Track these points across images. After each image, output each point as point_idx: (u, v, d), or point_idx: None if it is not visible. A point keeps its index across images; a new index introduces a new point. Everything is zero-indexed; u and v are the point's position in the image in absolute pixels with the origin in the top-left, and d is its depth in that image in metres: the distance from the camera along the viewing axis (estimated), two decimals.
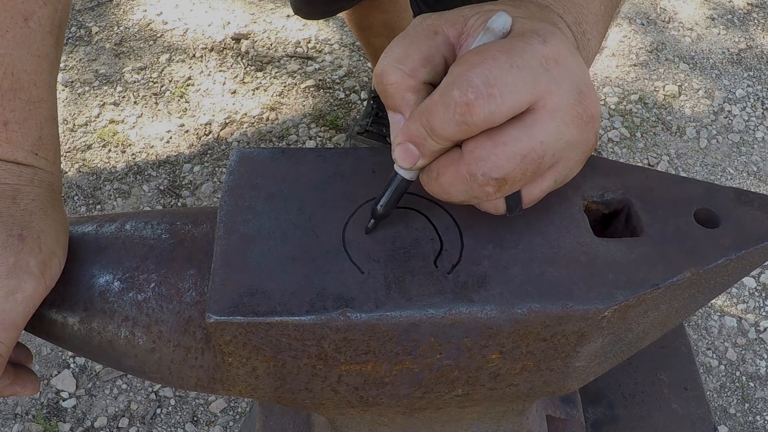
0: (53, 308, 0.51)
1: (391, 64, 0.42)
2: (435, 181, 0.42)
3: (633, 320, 0.47)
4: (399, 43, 0.43)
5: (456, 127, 0.38)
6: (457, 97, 0.37)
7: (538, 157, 0.39)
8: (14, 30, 0.51)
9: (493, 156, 0.39)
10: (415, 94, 0.42)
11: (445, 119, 0.38)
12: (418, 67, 0.42)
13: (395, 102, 0.43)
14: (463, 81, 0.38)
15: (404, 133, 0.41)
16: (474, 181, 0.40)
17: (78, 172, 1.97)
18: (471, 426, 0.60)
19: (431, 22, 0.44)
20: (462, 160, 0.40)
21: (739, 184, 1.99)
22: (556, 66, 0.39)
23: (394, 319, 0.43)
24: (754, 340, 1.70)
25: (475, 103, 0.37)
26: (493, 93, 0.37)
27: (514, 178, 0.40)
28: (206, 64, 2.23)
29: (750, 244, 0.48)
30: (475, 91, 0.37)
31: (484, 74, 0.37)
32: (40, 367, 1.60)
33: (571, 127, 0.39)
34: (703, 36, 2.38)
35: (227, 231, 0.47)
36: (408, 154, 0.41)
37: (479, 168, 0.39)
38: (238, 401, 1.58)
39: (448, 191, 0.42)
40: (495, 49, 0.38)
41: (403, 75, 0.42)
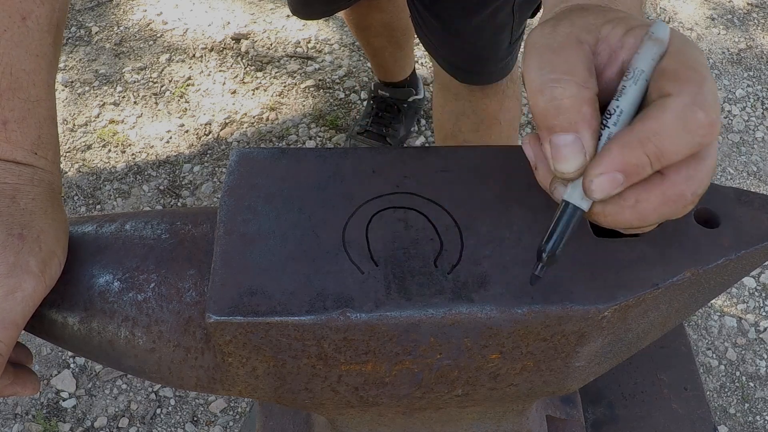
0: (53, 308, 0.51)
1: (560, 77, 0.38)
2: (631, 208, 0.38)
3: (633, 320, 0.47)
4: (552, 57, 0.39)
5: (692, 149, 0.37)
6: (703, 119, 0.36)
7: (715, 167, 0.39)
8: (12, 29, 0.51)
9: (699, 173, 0.38)
10: (592, 107, 0.38)
11: (684, 142, 0.36)
12: (588, 77, 0.38)
13: (570, 119, 0.38)
14: (704, 101, 0.36)
15: (617, 163, 0.37)
16: (681, 201, 0.38)
17: (78, 172, 1.97)
18: (471, 426, 0.60)
19: (568, 31, 0.40)
20: (668, 182, 0.38)
21: (739, 184, 1.99)
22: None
23: (394, 319, 0.43)
24: (754, 340, 1.70)
25: (717, 122, 0.36)
26: (718, 109, 0.37)
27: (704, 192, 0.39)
28: (206, 64, 2.23)
29: (750, 244, 0.48)
30: (715, 111, 0.36)
31: (713, 92, 0.36)
32: (40, 367, 1.60)
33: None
34: (703, 36, 2.38)
35: (227, 231, 0.47)
36: (613, 184, 0.37)
37: (689, 187, 0.38)
38: (238, 401, 1.58)
39: (648, 216, 0.39)
40: (699, 63, 0.37)
41: (579, 87, 0.38)
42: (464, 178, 0.51)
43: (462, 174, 0.51)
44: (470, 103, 1.39)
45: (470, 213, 0.48)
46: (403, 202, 0.49)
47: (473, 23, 1.22)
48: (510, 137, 1.47)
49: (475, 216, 0.48)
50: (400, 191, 0.50)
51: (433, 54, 1.35)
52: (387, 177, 0.50)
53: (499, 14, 1.20)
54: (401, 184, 0.50)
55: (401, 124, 2.00)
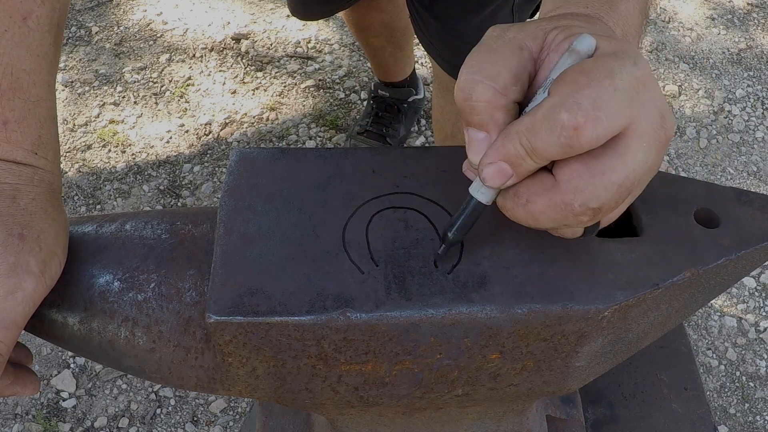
0: (53, 308, 0.51)
1: (481, 80, 0.40)
2: (523, 207, 0.40)
3: (633, 320, 0.47)
4: (485, 58, 0.41)
5: (559, 149, 0.37)
6: (565, 120, 0.36)
7: (630, 184, 0.38)
8: (13, 29, 0.51)
9: (590, 186, 0.38)
10: (506, 113, 0.40)
11: (550, 141, 0.37)
12: (509, 86, 0.40)
13: (482, 120, 0.41)
14: (572, 103, 0.36)
15: (499, 153, 0.39)
16: (569, 210, 0.39)
17: (78, 172, 1.97)
18: (471, 426, 0.60)
19: (514, 35, 0.42)
20: (557, 189, 0.39)
21: (739, 184, 1.99)
22: (644, 89, 0.38)
23: (394, 319, 0.43)
24: (754, 340, 1.70)
25: (584, 127, 0.36)
26: (600, 117, 0.36)
27: (608, 206, 0.39)
28: (206, 64, 2.23)
29: (750, 244, 0.48)
30: (585, 115, 0.36)
31: (591, 96, 0.36)
32: (40, 367, 1.60)
33: (653, 151, 0.39)
34: (703, 36, 2.38)
35: (227, 231, 0.47)
36: (500, 174, 0.40)
37: (576, 198, 0.38)
38: (238, 401, 1.58)
39: (537, 218, 0.40)
40: (598, 70, 0.37)
41: (495, 93, 0.40)
42: (464, 178, 0.50)
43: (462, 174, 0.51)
44: None
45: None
46: (403, 202, 0.49)
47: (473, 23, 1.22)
48: None
49: None
50: (400, 191, 0.50)
51: (432, 54, 1.35)
52: (387, 177, 0.51)
53: (498, 14, 1.21)
54: (401, 184, 0.50)
55: (401, 124, 2.00)
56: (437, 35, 1.29)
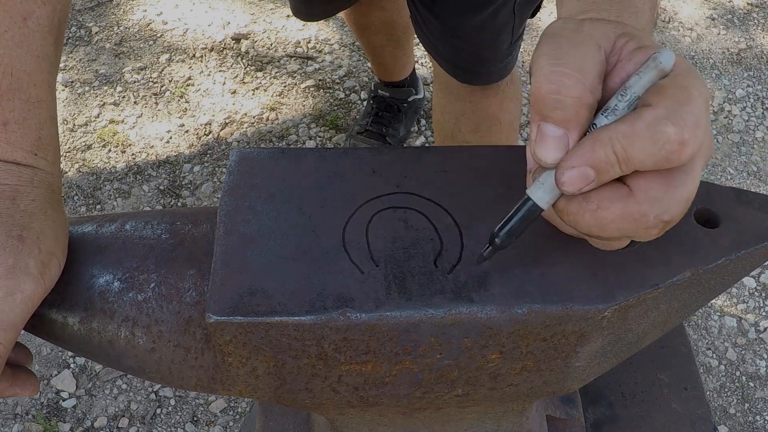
0: (53, 308, 0.51)
1: (572, 74, 0.38)
2: (592, 213, 0.39)
3: (633, 320, 0.47)
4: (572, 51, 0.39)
5: (656, 161, 0.37)
6: (672, 134, 0.36)
7: (692, 198, 0.39)
8: (13, 30, 0.51)
9: (666, 198, 0.38)
10: (590, 112, 0.39)
11: (650, 152, 0.36)
12: (596, 84, 0.39)
13: (566, 116, 0.39)
14: (679, 118, 0.36)
15: (587, 157, 0.38)
16: (642, 221, 0.38)
17: (78, 172, 1.97)
18: (471, 426, 0.60)
19: (590, 32, 0.40)
20: (633, 198, 0.38)
21: (739, 184, 1.99)
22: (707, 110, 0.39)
23: (394, 319, 0.43)
24: (754, 340, 1.70)
25: (688, 143, 0.36)
26: (698, 135, 0.36)
27: (676, 220, 0.39)
28: (206, 64, 2.23)
29: (750, 244, 0.48)
30: (690, 131, 0.36)
31: (693, 114, 0.36)
32: (40, 367, 1.60)
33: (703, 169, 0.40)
34: (703, 36, 2.38)
35: (227, 231, 0.47)
36: (583, 179, 0.38)
37: (653, 209, 0.38)
38: (238, 401, 1.58)
39: (606, 227, 0.39)
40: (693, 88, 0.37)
41: (585, 90, 0.38)
42: (464, 178, 0.51)
43: (462, 174, 0.51)
44: (470, 104, 1.39)
45: (470, 213, 0.48)
46: (403, 202, 0.49)
47: (474, 23, 1.22)
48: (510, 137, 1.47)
49: (475, 216, 0.48)
50: (400, 191, 0.50)
51: (433, 54, 1.35)
52: (387, 177, 0.51)
53: (499, 14, 1.20)
54: (401, 184, 0.50)
55: (401, 124, 2.00)
56: (438, 34, 1.29)
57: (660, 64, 0.39)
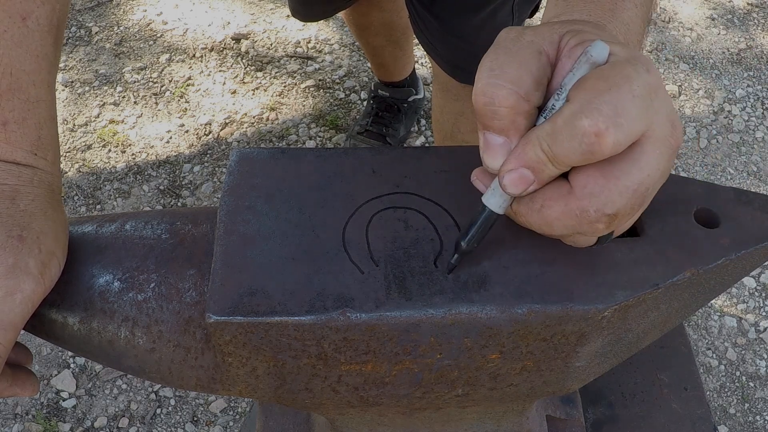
0: (53, 308, 0.51)
1: (504, 84, 0.39)
2: (537, 212, 0.40)
3: (633, 320, 0.47)
4: (506, 60, 0.40)
5: (581, 156, 0.37)
6: (586, 126, 0.36)
7: (645, 190, 0.38)
8: (12, 29, 0.51)
9: (606, 191, 0.38)
10: (527, 119, 0.40)
11: (571, 147, 0.37)
12: (531, 91, 0.40)
13: (503, 125, 0.40)
14: (593, 109, 0.36)
15: (520, 159, 0.39)
16: (584, 217, 0.38)
17: (78, 172, 1.97)
18: (471, 426, 0.60)
19: (531, 39, 0.41)
20: (572, 195, 0.39)
21: (739, 184, 1.99)
22: (656, 96, 0.38)
23: (394, 319, 0.43)
24: (754, 340, 1.70)
25: (605, 133, 0.36)
26: (621, 123, 0.36)
27: (624, 213, 0.39)
28: (206, 64, 2.23)
29: (750, 244, 0.48)
30: (606, 121, 0.36)
31: (612, 102, 0.36)
32: (40, 367, 1.60)
33: (666, 158, 0.39)
34: (703, 36, 2.38)
35: (227, 231, 0.47)
36: (522, 180, 0.39)
37: (592, 204, 0.38)
38: (238, 401, 1.58)
39: (552, 224, 0.40)
40: (617, 76, 0.37)
41: (518, 98, 0.39)
42: (464, 178, 0.50)
43: (462, 174, 0.51)
44: (469, 104, 1.39)
45: (470, 213, 0.48)
46: (403, 202, 0.49)
47: (473, 23, 1.22)
48: None
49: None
50: (400, 191, 0.50)
51: (432, 54, 1.35)
52: (387, 177, 0.50)
53: (498, 14, 1.20)
54: (401, 184, 0.50)
55: (401, 124, 2.00)
56: (437, 35, 1.29)
57: (591, 57, 0.39)
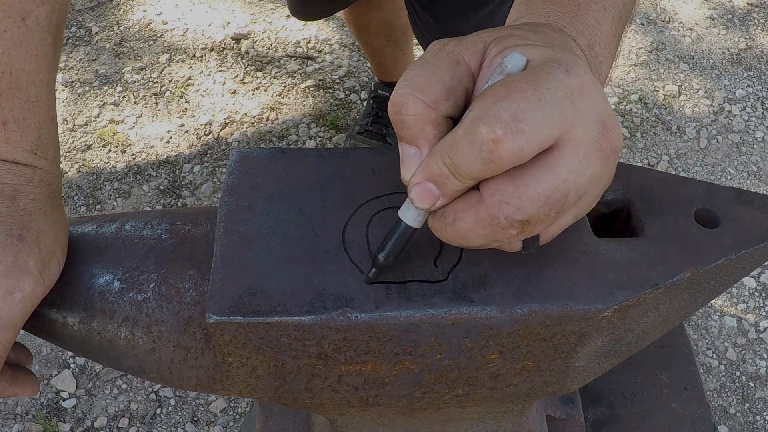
0: (53, 308, 0.51)
1: (411, 93, 0.39)
2: (450, 226, 0.39)
3: (633, 320, 0.47)
4: (419, 71, 0.40)
5: (482, 165, 0.36)
6: (484, 134, 0.35)
7: (561, 196, 0.37)
8: (12, 29, 0.51)
9: (515, 198, 0.37)
10: (436, 128, 0.39)
11: (471, 157, 0.36)
12: (440, 100, 0.39)
13: (412, 135, 0.39)
14: (491, 116, 0.35)
15: (424, 172, 0.38)
16: (496, 224, 0.38)
17: (78, 172, 1.97)
18: (471, 426, 0.60)
19: (452, 49, 0.41)
20: (482, 203, 0.38)
21: (739, 184, 1.99)
22: (581, 97, 0.37)
23: (394, 319, 0.43)
24: (754, 340, 1.70)
25: (504, 140, 0.35)
26: (522, 128, 0.35)
27: (537, 219, 0.38)
28: (206, 64, 2.23)
29: (750, 244, 0.48)
30: (504, 127, 0.34)
31: (511, 108, 0.35)
32: (40, 367, 1.60)
33: (594, 161, 0.37)
34: (703, 36, 2.38)
35: (227, 231, 0.47)
36: (427, 195, 0.39)
37: (502, 211, 0.37)
38: (238, 401, 1.58)
39: (466, 236, 0.39)
40: (521, 81, 0.36)
41: (424, 107, 0.39)
42: None
43: None
44: None
45: None
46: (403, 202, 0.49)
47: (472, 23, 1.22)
48: None
49: None
50: (400, 191, 0.50)
51: None
52: (387, 177, 0.50)
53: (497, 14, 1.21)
54: (401, 184, 0.50)
55: None
56: (436, 35, 1.29)
57: (506, 68, 0.38)
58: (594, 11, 0.49)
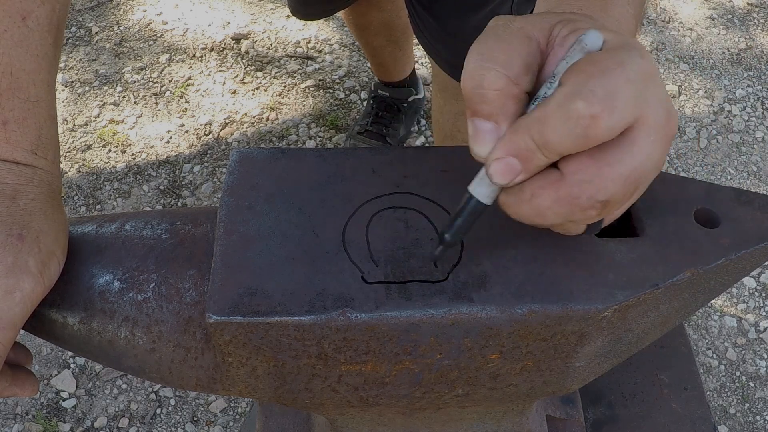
0: (53, 308, 0.51)
1: (493, 67, 0.38)
2: (528, 203, 0.39)
3: (633, 320, 0.47)
4: (496, 46, 0.39)
5: (575, 140, 0.36)
6: (581, 109, 0.35)
7: (637, 177, 0.37)
8: (12, 29, 0.51)
9: (598, 178, 0.37)
10: (517, 103, 0.39)
11: (564, 132, 0.36)
12: (521, 75, 0.39)
13: (492, 110, 0.39)
14: (588, 92, 0.35)
15: (508, 147, 0.38)
16: (576, 204, 0.37)
17: (78, 172, 1.97)
18: (471, 426, 0.60)
19: (521, 25, 0.41)
20: (563, 182, 0.37)
21: (739, 184, 1.99)
22: (652, 83, 0.37)
23: (394, 319, 0.43)
24: (754, 340, 1.70)
25: (601, 116, 0.35)
26: (616, 105, 0.35)
27: (616, 199, 0.38)
28: (206, 64, 2.23)
29: (750, 244, 0.48)
30: (601, 103, 0.35)
31: (606, 86, 0.35)
32: (40, 367, 1.60)
33: (659, 146, 0.38)
34: (703, 36, 2.38)
35: (227, 231, 0.47)
36: (509, 170, 0.38)
37: (584, 191, 0.37)
38: (238, 401, 1.58)
39: (544, 214, 0.39)
40: (609, 60, 0.36)
41: (507, 81, 0.38)
42: (464, 178, 0.50)
43: (462, 174, 0.51)
44: None
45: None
46: (403, 202, 0.49)
47: (472, 23, 1.22)
48: None
49: None
50: (400, 191, 0.50)
51: (431, 54, 1.35)
52: (387, 177, 0.50)
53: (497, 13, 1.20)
54: (401, 184, 0.50)
55: (401, 124, 2.00)
56: (436, 35, 1.29)
57: (585, 46, 0.38)
58: (619, 6, 0.49)
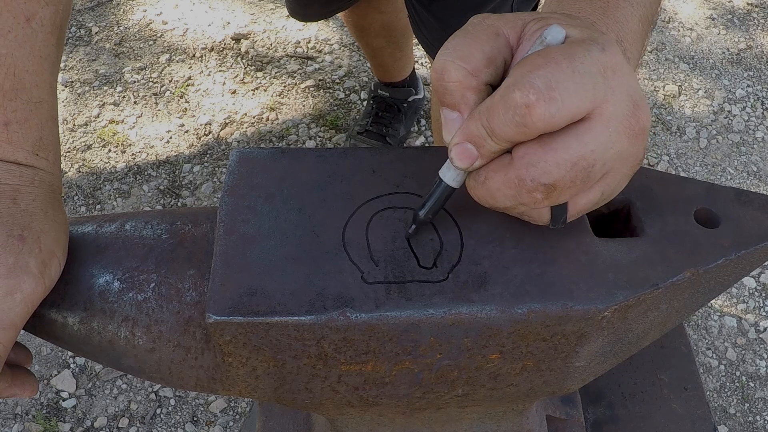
0: (53, 308, 0.51)
1: (453, 61, 0.41)
2: (482, 185, 0.42)
3: (633, 320, 0.47)
4: (461, 41, 0.42)
5: (515, 128, 0.38)
6: (518, 98, 0.37)
7: (588, 165, 0.39)
8: (16, 30, 0.51)
9: (542, 161, 0.39)
10: (476, 94, 0.42)
11: (505, 120, 0.38)
12: (481, 67, 0.41)
13: (454, 100, 0.42)
14: (525, 82, 0.37)
15: (463, 133, 0.41)
16: (522, 186, 0.40)
17: (78, 172, 1.97)
18: (471, 426, 0.60)
19: (492, 22, 0.43)
20: (511, 165, 0.40)
21: (739, 184, 1.99)
22: (614, 75, 0.39)
23: (394, 319, 0.43)
24: (754, 340, 1.70)
25: (536, 105, 0.37)
26: (554, 96, 0.37)
27: (563, 185, 0.39)
28: (206, 64, 2.23)
29: (750, 244, 0.48)
30: (537, 93, 0.37)
31: (546, 77, 0.37)
32: (40, 367, 1.60)
33: (623, 137, 0.39)
34: (703, 36, 2.38)
35: (227, 231, 0.47)
36: (466, 155, 0.41)
37: (528, 173, 0.39)
38: (238, 401, 1.58)
39: (495, 196, 0.41)
40: (558, 53, 0.38)
41: (466, 74, 0.41)
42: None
43: None
44: None
45: (470, 213, 0.48)
46: (403, 202, 0.49)
47: None
48: None
49: (475, 216, 0.48)
50: (400, 191, 0.50)
51: (432, 54, 1.35)
52: (387, 177, 0.51)
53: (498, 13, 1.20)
54: (401, 184, 0.50)
55: (401, 124, 2.01)
56: (436, 35, 1.29)
57: (545, 39, 0.40)
58: (623, 8, 0.50)
